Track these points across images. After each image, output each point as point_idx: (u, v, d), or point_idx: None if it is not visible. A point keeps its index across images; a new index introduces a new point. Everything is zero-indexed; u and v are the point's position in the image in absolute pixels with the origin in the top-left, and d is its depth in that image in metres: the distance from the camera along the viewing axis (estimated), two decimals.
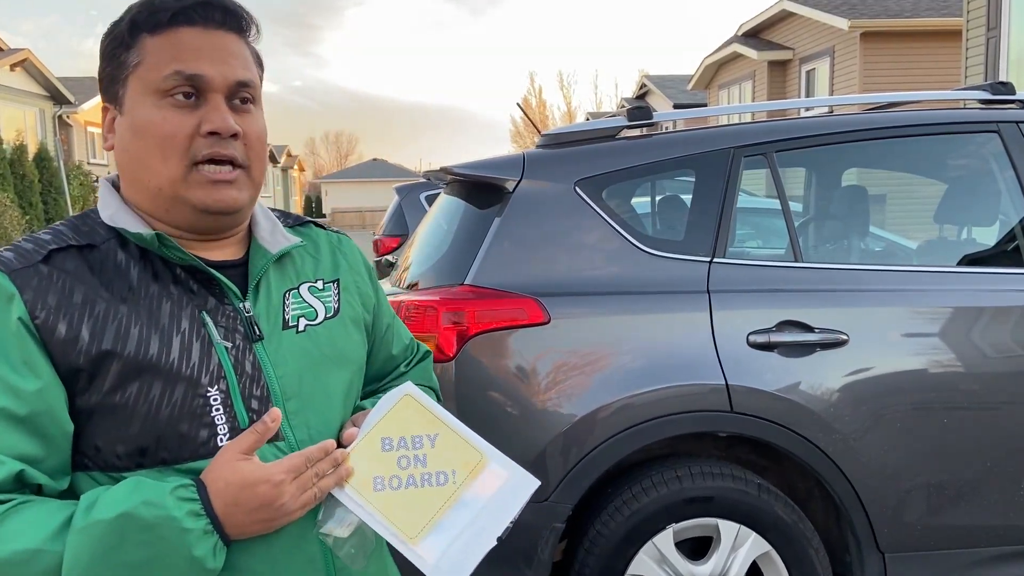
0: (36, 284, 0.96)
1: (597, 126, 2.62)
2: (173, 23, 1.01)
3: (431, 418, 1.10)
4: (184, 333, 1.01)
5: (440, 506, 1.05)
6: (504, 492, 1.07)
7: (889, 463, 2.34)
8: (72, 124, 22.66)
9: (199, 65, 1.00)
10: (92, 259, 1.01)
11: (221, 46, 1.03)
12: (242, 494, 0.94)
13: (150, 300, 1.01)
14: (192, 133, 1.00)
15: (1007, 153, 2.60)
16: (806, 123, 2.61)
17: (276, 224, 1.16)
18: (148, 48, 1.01)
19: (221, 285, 1.06)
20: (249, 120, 1.05)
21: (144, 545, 0.90)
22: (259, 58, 1.11)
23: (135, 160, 1.03)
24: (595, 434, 2.29)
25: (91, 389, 0.96)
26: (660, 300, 2.37)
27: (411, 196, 7.24)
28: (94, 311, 0.98)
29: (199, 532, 0.92)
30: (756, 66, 16.76)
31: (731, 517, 2.34)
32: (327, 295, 1.17)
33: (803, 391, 2.31)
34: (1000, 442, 2.38)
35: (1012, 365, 2.41)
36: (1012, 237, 2.64)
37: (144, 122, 1.01)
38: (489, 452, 1.10)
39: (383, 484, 1.04)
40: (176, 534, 0.91)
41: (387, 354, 1.32)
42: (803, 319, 2.34)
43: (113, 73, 1.04)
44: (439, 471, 1.07)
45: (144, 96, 1.01)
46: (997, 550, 2.45)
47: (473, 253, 2.42)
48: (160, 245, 1.02)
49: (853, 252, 2.98)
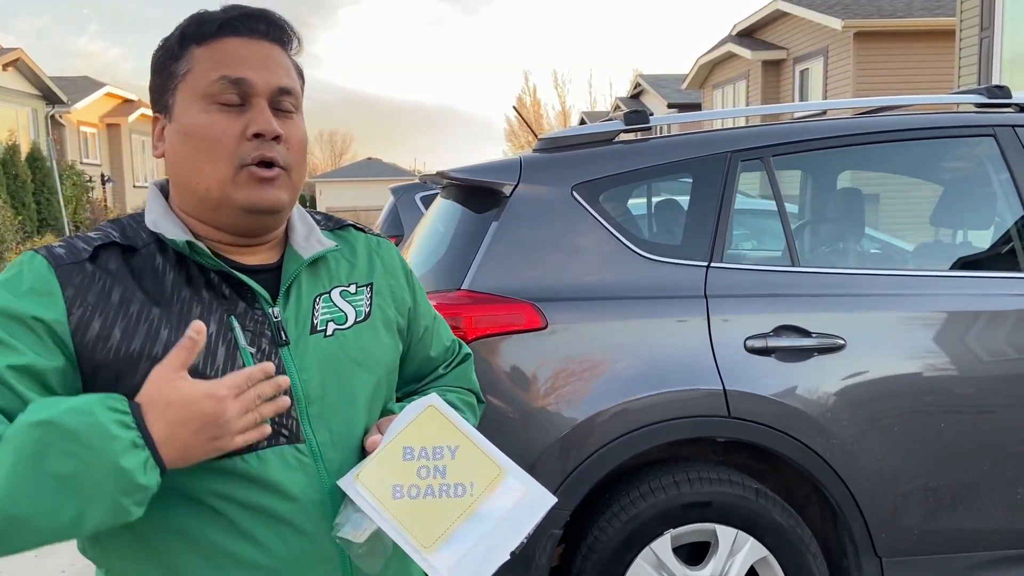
0: (79, 281, 1.01)
1: (594, 130, 2.61)
2: (220, 34, 1.06)
3: (453, 430, 1.12)
4: (211, 337, 1.04)
5: (456, 517, 1.06)
6: (520, 507, 1.08)
7: (886, 468, 2.34)
8: (65, 124, 22.56)
9: (244, 71, 1.05)
10: (133, 261, 1.06)
11: (265, 55, 1.08)
12: (187, 410, 0.92)
13: (182, 304, 1.05)
14: (239, 135, 1.04)
15: (1003, 157, 2.60)
16: (803, 127, 2.61)
17: (312, 229, 1.19)
18: (196, 57, 1.06)
19: (252, 290, 1.09)
20: (291, 125, 1.09)
21: (70, 455, 0.87)
22: (300, 70, 1.15)
23: (185, 164, 1.07)
24: (593, 439, 2.29)
25: (118, 386, 0.99)
26: (657, 305, 2.36)
27: (406, 197, 7.22)
28: (128, 312, 1.02)
29: (127, 442, 0.89)
30: (750, 66, 16.78)
31: (729, 522, 2.34)
32: (359, 299, 1.19)
33: (800, 396, 2.31)
34: (997, 446, 2.39)
35: (1008, 369, 2.42)
36: (1008, 241, 2.64)
37: (192, 126, 1.05)
38: (508, 467, 1.11)
39: (402, 492, 1.06)
40: (103, 441, 0.88)
41: (424, 356, 1.33)
42: (800, 324, 2.34)
43: (163, 84, 1.09)
44: (457, 483, 1.08)
45: (192, 101, 1.06)
46: (994, 554, 2.45)
47: (470, 258, 2.42)
48: (191, 251, 1.06)
49: (850, 256, 2.98)
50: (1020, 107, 2.72)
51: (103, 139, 25.33)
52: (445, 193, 2.96)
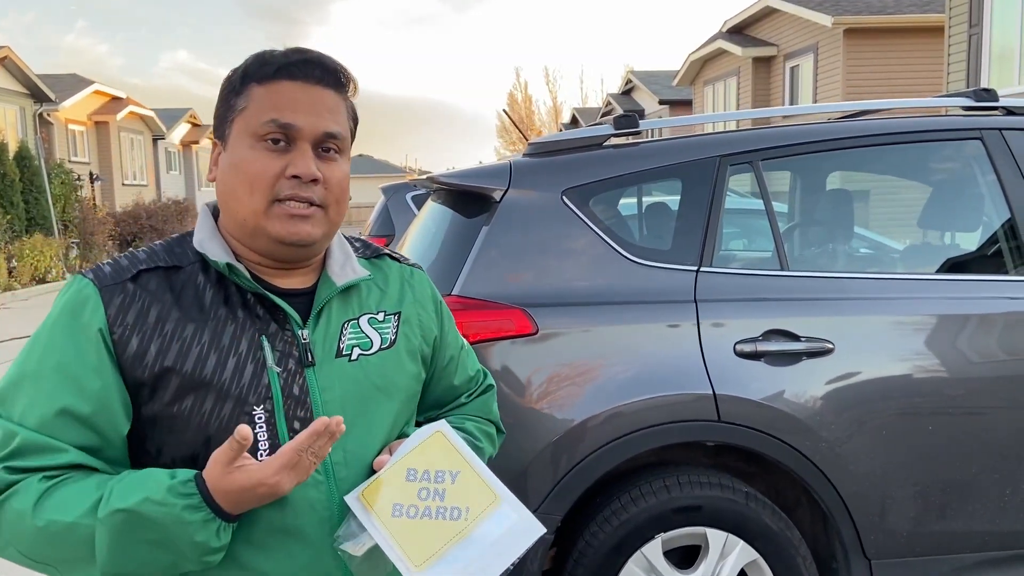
0: (120, 301, 1.10)
1: (584, 134, 2.62)
2: (278, 76, 1.13)
3: (456, 457, 1.17)
4: (240, 355, 1.12)
5: (449, 539, 1.11)
6: (510, 535, 1.13)
7: (875, 470, 2.36)
8: (53, 122, 22.42)
9: (293, 116, 1.12)
10: (175, 280, 1.14)
11: (317, 100, 1.14)
12: (243, 496, 1.03)
13: (216, 322, 1.13)
14: (278, 174, 1.11)
15: (990, 160, 2.61)
16: (792, 131, 2.61)
17: (349, 257, 1.26)
18: (254, 96, 1.13)
19: (285, 312, 1.16)
20: (332, 167, 1.15)
21: (153, 531, 1.01)
22: (354, 112, 1.22)
23: (229, 191, 1.15)
24: (584, 444, 2.29)
25: (153, 400, 1.09)
26: (647, 310, 2.37)
27: (397, 196, 7.21)
28: (164, 330, 1.10)
29: (199, 522, 1.02)
30: (741, 63, 16.81)
31: (719, 526, 2.36)
32: (386, 327, 1.25)
33: (790, 400, 2.32)
34: (984, 449, 2.41)
35: (995, 371, 2.43)
36: (995, 244, 2.66)
37: (239, 160, 1.13)
38: (503, 495, 1.16)
39: (401, 511, 1.12)
40: (178, 526, 1.01)
41: (448, 384, 1.39)
42: (789, 328, 2.36)
43: (223, 114, 1.17)
44: (454, 506, 1.13)
45: (243, 137, 1.13)
46: (982, 556, 2.47)
47: (460, 263, 2.42)
48: (230, 273, 1.13)
49: (839, 260, 3.00)
50: (1007, 110, 2.74)
51: (92, 137, 25.20)
52: (436, 197, 2.96)
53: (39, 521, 1.01)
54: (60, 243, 18.08)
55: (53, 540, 1.02)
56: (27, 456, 1.04)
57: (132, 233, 22.55)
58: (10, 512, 1.02)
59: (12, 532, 1.03)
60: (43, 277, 16.94)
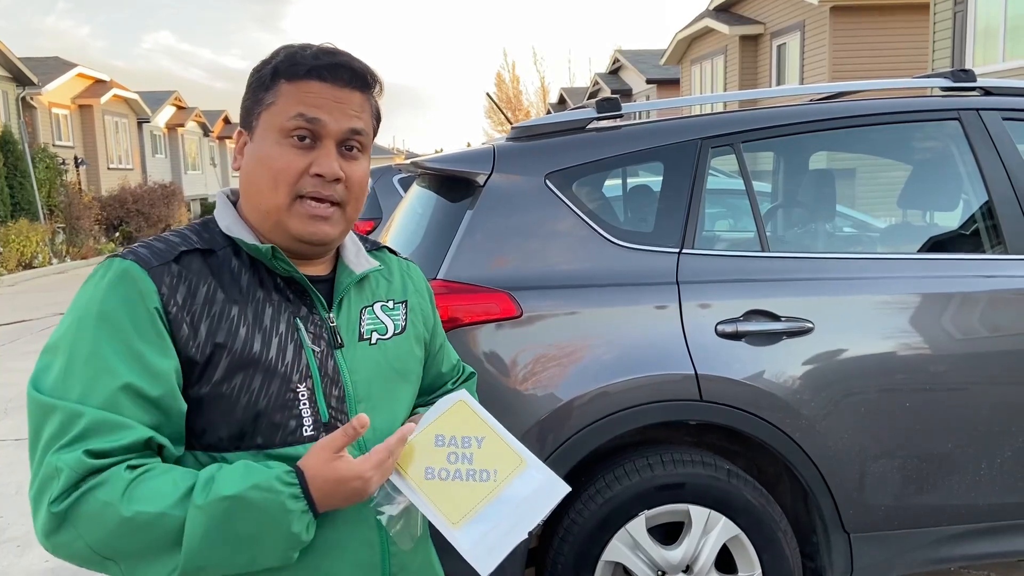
0: (169, 281, 1.12)
1: (566, 118, 2.63)
2: (307, 76, 1.16)
3: (480, 423, 1.25)
4: (281, 335, 1.17)
5: (481, 499, 1.18)
6: (538, 494, 1.21)
7: (854, 446, 2.41)
8: (36, 106, 22.17)
9: (320, 112, 1.15)
10: (212, 263, 1.17)
11: (343, 100, 1.18)
12: (337, 488, 1.09)
13: (256, 304, 1.17)
14: (302, 171, 1.16)
15: (967, 140, 2.65)
16: (773, 113, 2.63)
17: (360, 248, 1.33)
18: (283, 92, 1.17)
19: (312, 297, 1.22)
20: (354, 166, 1.20)
21: (252, 522, 1.05)
22: (378, 112, 1.26)
23: (253, 183, 1.19)
24: (569, 424, 2.33)
25: (203, 380, 1.12)
26: (630, 292, 2.40)
27: (384, 179, 7.20)
28: (212, 310, 1.13)
29: (298, 512, 1.07)
30: (728, 41, 16.77)
31: (702, 502, 2.40)
32: (396, 314, 1.34)
33: (770, 379, 2.36)
34: (961, 424, 2.46)
35: (971, 348, 2.48)
36: (972, 223, 2.70)
37: (265, 154, 1.17)
38: (528, 458, 1.23)
39: (433, 474, 1.18)
40: (281, 513, 1.06)
41: (437, 371, 1.48)
42: (770, 308, 2.39)
43: (251, 106, 1.20)
44: (483, 469, 1.20)
45: (270, 131, 1.17)
46: (960, 528, 2.53)
47: (445, 247, 2.44)
48: (272, 257, 1.18)
49: (819, 240, 3.03)
50: (984, 90, 2.77)
51: (76, 121, 24.94)
52: (420, 181, 2.97)
53: (126, 512, 1.00)
54: (46, 228, 17.96)
55: (137, 531, 1.01)
56: (98, 436, 1.03)
57: (118, 217, 22.41)
58: (95, 503, 1.01)
59: (90, 524, 1.01)
60: (29, 263, 16.84)
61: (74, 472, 1.01)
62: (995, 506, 2.53)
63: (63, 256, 18.65)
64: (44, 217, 18.80)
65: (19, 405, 6.37)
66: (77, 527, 1.01)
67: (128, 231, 22.23)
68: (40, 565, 3.67)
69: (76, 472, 1.01)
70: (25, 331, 9.82)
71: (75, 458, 1.01)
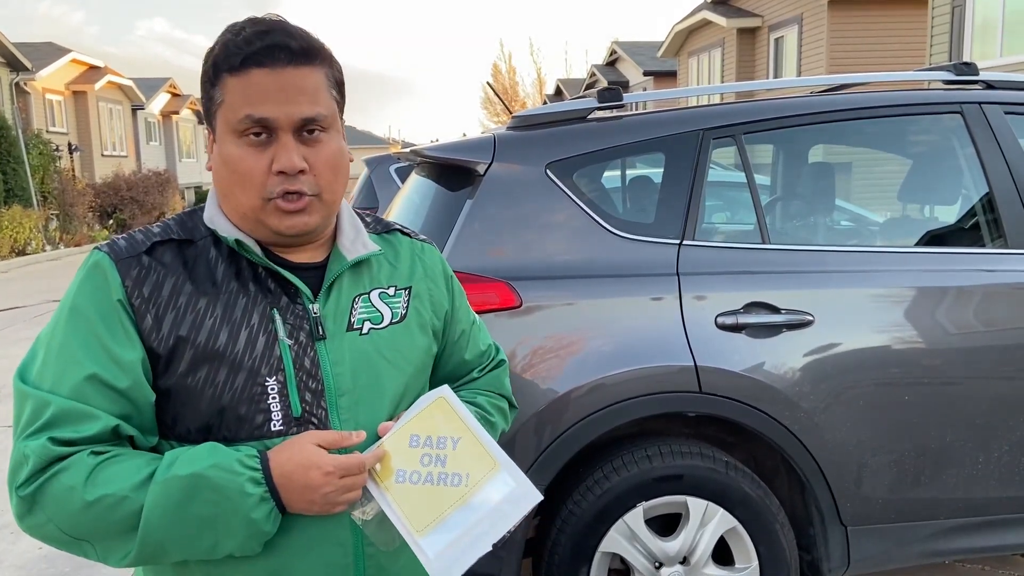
0: (136, 274, 1.11)
1: (567, 108, 2.62)
2: (245, 65, 1.10)
3: (458, 423, 1.19)
4: (252, 327, 1.14)
5: (450, 505, 1.14)
6: (508, 501, 1.16)
7: (852, 439, 2.40)
8: (30, 92, 22.04)
9: (266, 108, 1.10)
10: (188, 253, 1.16)
11: (289, 84, 1.11)
12: (296, 472, 1.07)
13: (229, 295, 1.15)
14: (266, 171, 1.12)
15: (969, 133, 2.64)
16: (775, 104, 2.62)
17: (360, 232, 1.27)
18: (228, 87, 1.12)
19: (296, 286, 1.18)
20: (319, 149, 1.14)
21: (211, 503, 1.04)
22: (337, 78, 1.19)
23: (224, 186, 1.16)
24: (567, 415, 2.32)
25: (168, 372, 1.11)
26: (630, 283, 2.39)
27: (380, 169, 7.17)
28: (177, 303, 1.12)
29: (256, 498, 1.05)
30: (725, 33, 16.73)
31: (699, 494, 2.40)
32: (397, 301, 1.28)
33: (769, 371, 2.36)
34: (958, 418, 2.46)
35: (970, 342, 2.48)
36: (973, 216, 2.70)
37: (227, 156, 1.13)
38: (503, 462, 1.18)
39: (404, 477, 1.15)
40: (239, 496, 1.04)
41: (459, 359, 1.41)
42: (770, 300, 2.38)
43: (207, 105, 1.17)
44: (455, 472, 1.16)
45: (227, 133, 1.13)
46: (956, 522, 2.53)
47: (444, 236, 2.42)
48: (240, 248, 1.16)
49: (820, 233, 3.02)
50: (987, 84, 2.76)
51: (69, 107, 24.81)
52: (420, 171, 2.95)
53: (89, 496, 1.02)
54: (39, 215, 17.87)
55: (101, 514, 1.02)
56: (65, 425, 1.04)
57: (112, 205, 22.32)
58: (59, 488, 1.03)
59: (57, 507, 1.03)
60: (23, 249, 16.76)
61: (39, 459, 1.03)
62: (992, 500, 2.53)
63: (56, 243, 18.57)
64: (38, 203, 18.70)
65: (11, 392, 6.34)
66: (45, 510, 1.04)
67: (122, 218, 22.13)
68: (34, 552, 3.65)
69: (41, 459, 1.03)
70: (18, 318, 9.79)
71: (40, 445, 1.03)
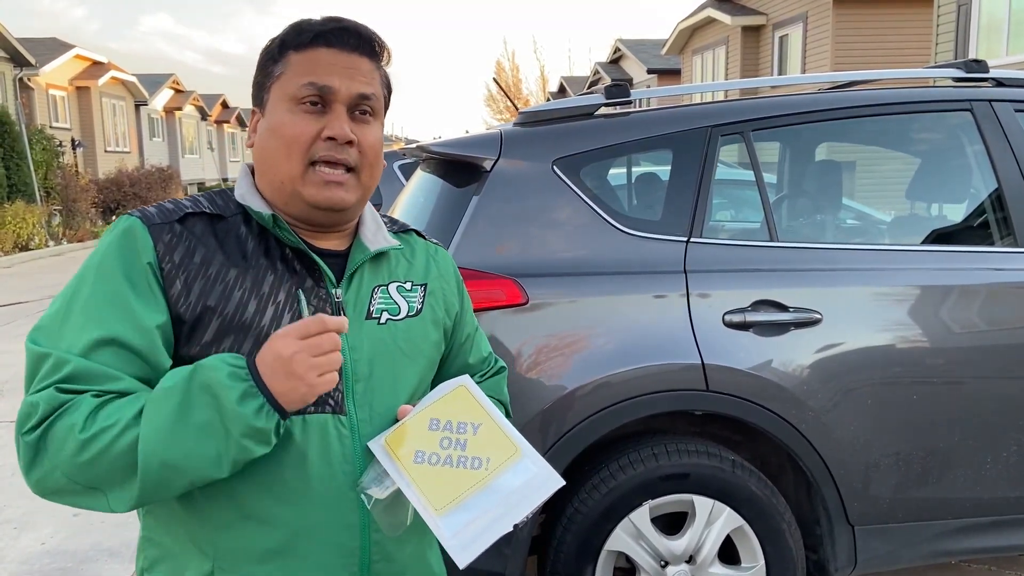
0: (168, 240, 1.13)
1: (574, 104, 2.60)
2: (314, 43, 1.17)
3: (479, 409, 1.21)
4: (279, 304, 1.16)
5: (469, 488, 1.14)
6: (529, 486, 1.16)
7: (859, 439, 2.39)
8: (33, 87, 22.03)
9: (329, 78, 1.16)
10: (218, 228, 1.18)
11: (351, 64, 1.18)
12: (267, 353, 1.05)
13: (257, 271, 1.17)
14: (314, 136, 1.15)
15: (979, 131, 2.63)
16: (783, 101, 2.61)
17: (381, 227, 1.31)
18: (291, 62, 1.18)
19: (320, 270, 1.20)
20: (366, 130, 1.19)
21: (206, 407, 1.02)
22: (388, 80, 1.26)
23: (266, 156, 1.19)
24: (573, 413, 2.31)
25: (192, 340, 1.12)
26: (638, 280, 2.38)
27: (384, 165, 7.16)
28: (208, 272, 1.14)
29: (240, 391, 1.03)
30: (730, 31, 16.70)
31: (706, 493, 2.39)
32: (413, 295, 1.31)
33: (777, 369, 2.34)
34: (966, 417, 2.44)
35: (979, 342, 2.46)
36: (982, 215, 2.68)
37: (277, 123, 1.17)
38: (524, 448, 1.19)
39: (423, 458, 1.15)
40: (223, 390, 1.02)
41: (463, 363, 1.43)
42: (778, 298, 2.37)
43: (262, 81, 1.21)
44: (475, 456, 1.17)
45: (281, 102, 1.17)
46: (964, 522, 2.52)
47: (451, 233, 2.41)
48: (274, 225, 1.17)
49: (827, 231, 3.01)
50: (997, 81, 2.74)
51: (73, 102, 24.80)
52: (425, 166, 2.94)
53: (86, 433, 1.01)
54: (42, 210, 17.87)
55: (99, 453, 1.01)
56: (78, 383, 1.05)
57: (115, 200, 22.32)
58: (60, 428, 1.02)
59: (58, 449, 1.02)
60: (26, 244, 16.77)
61: (48, 405, 1.03)
62: (1000, 500, 2.52)
63: (59, 238, 18.57)
64: (41, 199, 18.71)
65: (14, 387, 6.35)
66: (49, 454, 1.03)
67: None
68: (36, 547, 3.65)
69: (50, 405, 1.03)
70: (20, 313, 9.78)
71: (49, 392, 1.04)
